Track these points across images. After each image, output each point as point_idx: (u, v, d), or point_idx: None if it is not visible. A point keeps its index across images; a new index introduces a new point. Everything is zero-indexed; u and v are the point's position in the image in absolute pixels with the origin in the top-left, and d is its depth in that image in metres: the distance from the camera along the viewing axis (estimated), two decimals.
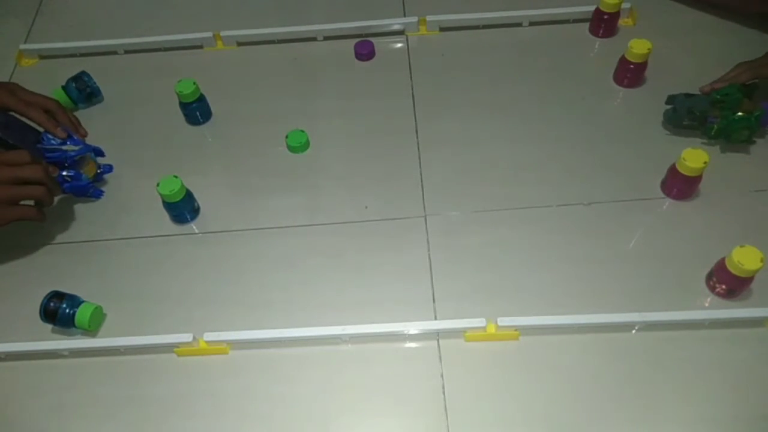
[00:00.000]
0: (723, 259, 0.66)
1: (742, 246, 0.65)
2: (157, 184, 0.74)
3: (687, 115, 0.78)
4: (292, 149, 0.84)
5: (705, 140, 0.81)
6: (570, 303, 0.69)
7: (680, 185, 0.75)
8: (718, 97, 0.77)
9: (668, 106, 0.81)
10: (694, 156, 0.72)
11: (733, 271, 0.65)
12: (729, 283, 0.67)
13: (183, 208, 0.77)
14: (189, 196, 0.77)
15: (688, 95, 0.79)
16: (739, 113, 0.76)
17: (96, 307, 0.70)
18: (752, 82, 0.78)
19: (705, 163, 0.71)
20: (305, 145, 0.84)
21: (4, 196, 0.69)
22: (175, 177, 0.75)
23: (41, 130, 0.77)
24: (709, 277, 0.69)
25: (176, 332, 0.68)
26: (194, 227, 0.79)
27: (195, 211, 0.79)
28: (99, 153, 0.81)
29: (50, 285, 0.71)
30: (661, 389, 0.64)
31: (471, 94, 0.89)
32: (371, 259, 0.74)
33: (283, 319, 0.70)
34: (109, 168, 0.83)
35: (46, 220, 0.74)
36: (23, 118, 0.77)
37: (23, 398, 0.68)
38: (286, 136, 0.83)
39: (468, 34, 0.96)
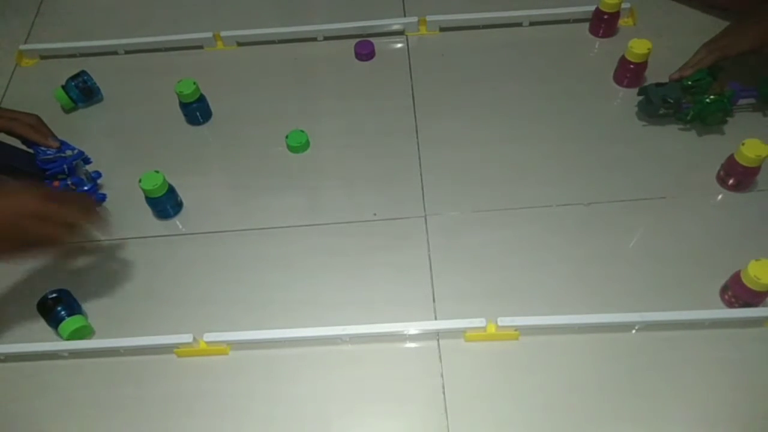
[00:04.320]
0: (738, 273, 0.66)
1: (758, 260, 0.64)
2: (139, 180, 0.74)
3: (662, 104, 0.79)
4: (292, 149, 0.84)
5: (681, 126, 0.82)
6: (570, 303, 0.69)
7: (739, 176, 0.75)
8: (690, 83, 0.78)
9: (640, 97, 0.83)
10: (753, 146, 0.72)
11: (750, 286, 0.64)
12: (746, 298, 0.66)
13: (166, 203, 0.78)
14: (171, 191, 0.77)
15: (658, 84, 0.80)
16: (711, 96, 0.78)
17: (84, 326, 0.69)
18: (717, 64, 0.79)
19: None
20: (305, 145, 0.84)
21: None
22: (157, 172, 0.75)
23: (28, 150, 0.77)
24: (724, 290, 0.68)
25: (176, 332, 0.68)
26: (194, 227, 0.79)
27: (178, 206, 0.80)
28: (86, 161, 0.81)
29: (50, 285, 0.71)
30: (661, 389, 0.64)
31: (471, 94, 0.89)
32: (371, 259, 0.74)
33: (283, 319, 0.70)
34: (97, 174, 0.83)
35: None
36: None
37: (23, 398, 0.68)
38: (286, 136, 0.83)
39: (468, 34, 0.96)
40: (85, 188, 0.79)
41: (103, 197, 0.82)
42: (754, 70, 0.81)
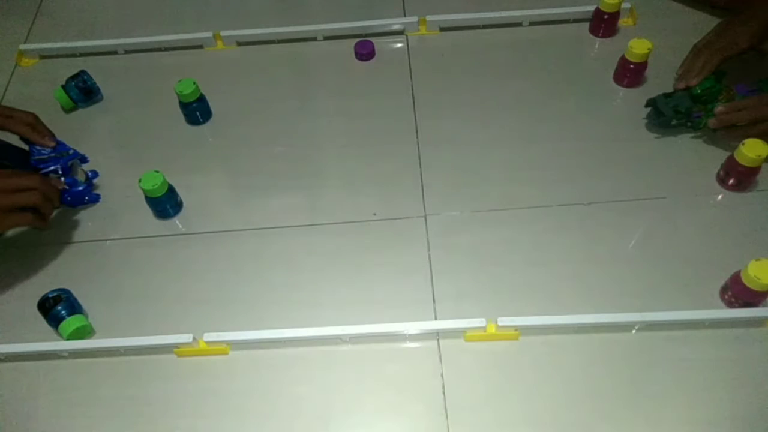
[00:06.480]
0: (738, 273, 0.66)
1: (758, 260, 0.64)
2: (139, 180, 0.74)
3: (674, 116, 0.79)
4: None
5: (693, 134, 0.81)
6: (570, 303, 0.69)
7: (739, 176, 0.75)
8: (699, 92, 0.77)
9: (648, 109, 0.82)
10: (753, 146, 0.72)
11: (750, 286, 0.64)
12: (746, 298, 0.66)
13: (166, 203, 0.78)
14: (171, 191, 0.77)
15: (666, 95, 0.80)
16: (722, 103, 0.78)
17: (84, 326, 0.69)
18: (720, 68, 0.78)
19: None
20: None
21: (1, 204, 0.68)
22: (157, 172, 0.75)
23: (23, 148, 0.77)
24: (724, 290, 0.68)
25: (176, 332, 0.68)
26: (194, 227, 0.79)
27: (178, 206, 0.80)
28: (84, 160, 0.81)
29: (50, 285, 0.71)
30: (661, 389, 0.64)
31: (471, 94, 0.89)
32: (371, 259, 0.74)
33: (283, 319, 0.70)
34: (94, 174, 0.83)
35: (49, 227, 0.74)
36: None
37: (23, 398, 0.68)
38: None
39: (468, 34, 0.96)
40: (79, 188, 0.79)
41: (97, 198, 0.82)
42: (745, 72, 0.81)
